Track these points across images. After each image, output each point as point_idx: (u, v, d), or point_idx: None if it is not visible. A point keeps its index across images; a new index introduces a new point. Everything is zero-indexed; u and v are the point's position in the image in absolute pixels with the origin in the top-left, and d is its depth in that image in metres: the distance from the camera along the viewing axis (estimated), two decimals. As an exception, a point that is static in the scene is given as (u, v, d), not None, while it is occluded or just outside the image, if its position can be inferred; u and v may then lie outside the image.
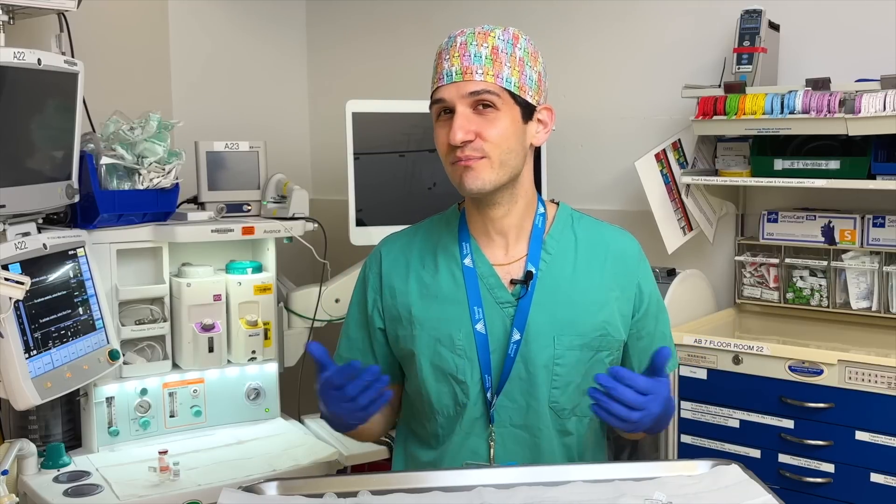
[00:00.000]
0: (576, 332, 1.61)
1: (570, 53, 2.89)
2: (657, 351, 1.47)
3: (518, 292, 1.62)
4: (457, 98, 1.54)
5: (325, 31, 3.56)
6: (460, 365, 1.61)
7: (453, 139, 1.53)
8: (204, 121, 3.04)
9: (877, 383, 1.99)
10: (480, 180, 1.55)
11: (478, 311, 1.61)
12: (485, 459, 1.61)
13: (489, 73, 1.55)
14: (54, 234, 2.17)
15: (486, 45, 1.56)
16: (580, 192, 2.86)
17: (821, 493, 2.08)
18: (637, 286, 1.67)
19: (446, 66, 1.56)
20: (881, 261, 2.30)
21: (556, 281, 1.63)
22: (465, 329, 1.61)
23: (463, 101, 1.54)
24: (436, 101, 1.58)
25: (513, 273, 1.63)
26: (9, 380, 1.97)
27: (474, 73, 1.54)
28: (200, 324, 2.44)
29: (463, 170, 1.55)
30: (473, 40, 1.56)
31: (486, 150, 1.54)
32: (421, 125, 2.61)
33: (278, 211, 2.67)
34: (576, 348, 1.61)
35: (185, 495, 2.10)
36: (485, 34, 1.57)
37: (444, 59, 1.57)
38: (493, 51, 1.56)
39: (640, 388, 1.42)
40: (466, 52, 1.55)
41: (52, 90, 2.11)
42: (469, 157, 1.54)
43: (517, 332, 1.59)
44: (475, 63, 1.54)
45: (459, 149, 1.54)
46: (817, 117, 2.18)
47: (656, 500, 1.34)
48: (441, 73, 1.57)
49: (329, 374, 1.50)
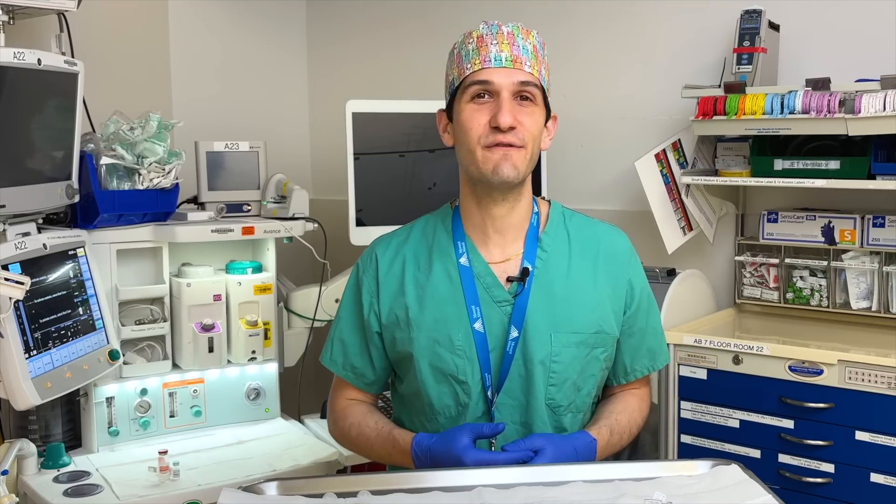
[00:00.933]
0: (572, 329, 1.61)
1: (570, 53, 2.88)
2: (505, 447, 1.53)
3: (515, 290, 1.62)
4: (506, 84, 1.55)
5: (326, 32, 3.56)
6: (460, 365, 1.61)
7: (504, 121, 1.52)
8: (204, 121, 3.04)
9: (877, 383, 1.99)
10: (516, 169, 1.56)
11: (475, 311, 1.61)
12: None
13: (535, 67, 1.58)
14: (54, 234, 2.17)
15: (529, 41, 1.59)
16: (580, 192, 2.86)
17: (821, 493, 2.08)
18: (628, 283, 1.68)
19: (494, 51, 1.56)
20: (881, 261, 2.30)
21: (551, 278, 1.63)
22: (464, 329, 1.61)
23: (510, 88, 1.55)
24: (478, 83, 1.56)
25: (509, 271, 1.63)
26: (9, 380, 1.97)
27: (524, 63, 1.56)
28: (200, 324, 2.44)
29: (502, 156, 1.55)
30: (520, 33, 1.59)
31: (526, 140, 1.56)
32: (421, 125, 2.61)
33: (278, 211, 2.67)
34: (572, 345, 1.61)
35: (185, 495, 2.10)
36: (527, 31, 1.60)
37: (489, 43, 1.56)
38: (534, 48, 1.59)
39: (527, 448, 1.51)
40: (515, 42, 1.57)
41: (52, 90, 2.11)
42: (511, 142, 1.54)
43: (515, 330, 1.60)
44: (524, 54, 1.57)
45: (502, 133, 1.54)
46: (817, 117, 2.18)
47: (656, 500, 1.34)
48: (487, 56, 1.56)
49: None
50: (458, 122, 1.59)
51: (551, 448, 1.51)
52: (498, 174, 1.55)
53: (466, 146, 1.58)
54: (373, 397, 1.78)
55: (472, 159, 1.57)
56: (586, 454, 1.56)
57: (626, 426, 1.67)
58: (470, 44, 1.59)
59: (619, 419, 1.66)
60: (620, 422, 1.66)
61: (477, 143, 1.56)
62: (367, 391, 1.75)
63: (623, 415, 1.68)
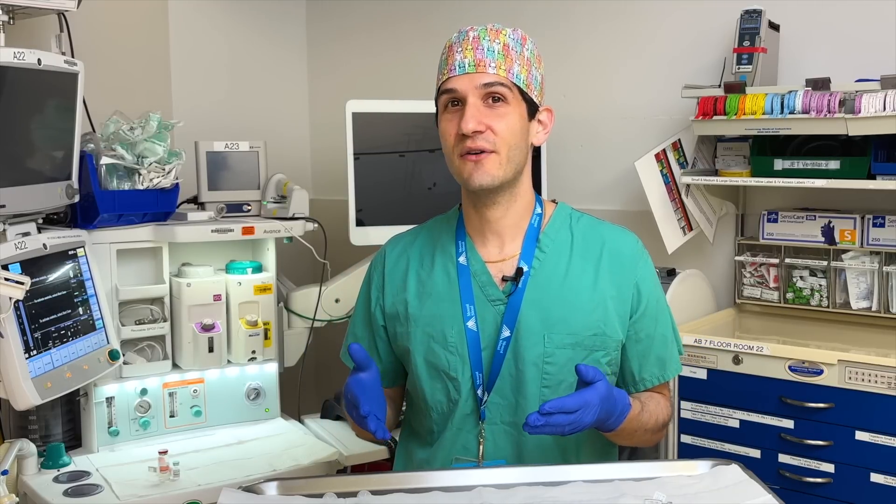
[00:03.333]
0: (567, 330, 1.60)
1: (570, 53, 2.89)
2: (578, 366, 1.47)
3: (509, 289, 1.62)
4: (469, 89, 1.55)
5: (326, 32, 3.56)
6: (452, 362, 1.62)
7: (465, 127, 1.53)
8: (204, 121, 3.04)
9: (877, 383, 1.99)
10: (490, 176, 1.56)
11: (469, 309, 1.62)
12: (475, 456, 1.61)
13: (501, 66, 1.57)
14: (54, 234, 2.17)
15: (499, 41, 1.58)
16: (580, 192, 2.86)
17: (821, 493, 2.08)
18: (635, 286, 1.65)
19: (458, 58, 1.57)
20: (881, 261, 2.30)
21: (549, 279, 1.63)
22: (458, 326, 1.62)
23: (475, 92, 1.55)
24: (445, 92, 1.58)
25: (505, 271, 1.64)
26: (9, 380, 1.97)
27: (487, 65, 1.56)
28: (200, 324, 2.45)
29: (473, 165, 1.55)
30: (486, 35, 1.58)
31: (496, 143, 1.56)
32: (421, 125, 2.61)
33: (278, 211, 2.67)
34: (567, 347, 1.60)
35: (185, 495, 2.10)
36: (496, 31, 1.59)
37: (455, 52, 1.58)
38: (504, 47, 1.58)
39: (569, 410, 1.44)
40: (479, 45, 1.57)
41: (52, 90, 2.11)
42: (480, 147, 1.54)
43: (507, 329, 1.60)
44: (488, 56, 1.56)
45: (470, 139, 1.54)
46: (817, 117, 2.18)
47: (656, 500, 1.34)
48: (452, 65, 1.57)
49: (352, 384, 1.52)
50: (439, 132, 1.62)
51: (605, 385, 1.47)
52: (472, 184, 1.57)
53: (447, 156, 1.61)
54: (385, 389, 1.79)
55: (453, 169, 1.60)
56: (622, 412, 1.53)
57: (654, 413, 1.64)
58: (443, 54, 1.61)
59: (646, 403, 1.64)
60: (648, 405, 1.63)
61: (452, 152, 1.58)
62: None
63: (651, 402, 1.65)
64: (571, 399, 1.45)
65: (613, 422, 1.53)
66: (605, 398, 1.47)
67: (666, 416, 1.69)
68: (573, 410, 1.43)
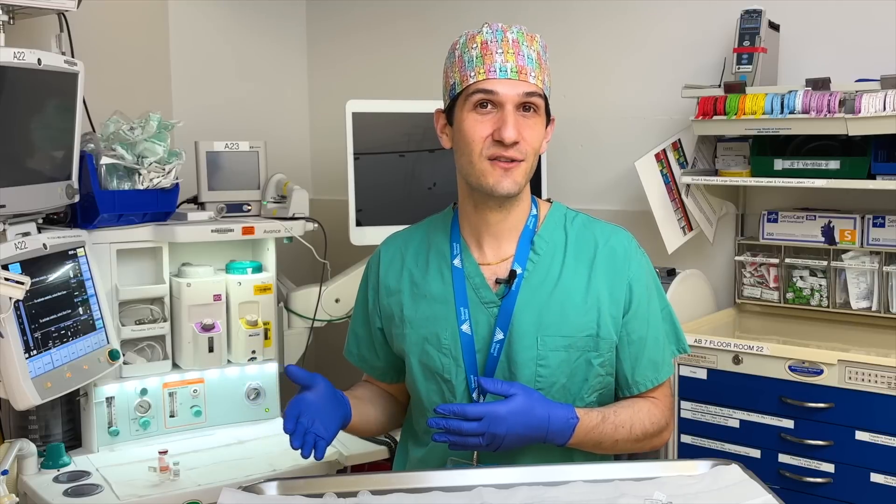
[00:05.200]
0: (561, 332, 1.59)
1: (569, 53, 2.89)
2: (479, 379, 1.49)
3: (502, 292, 1.62)
4: (511, 95, 1.53)
5: (326, 31, 3.56)
6: (446, 364, 1.62)
7: (508, 137, 1.51)
8: (204, 121, 3.04)
9: (877, 383, 1.99)
10: (517, 184, 1.56)
11: (464, 312, 1.62)
12: (469, 458, 1.61)
13: (539, 77, 1.55)
14: (54, 234, 2.17)
15: (533, 48, 1.56)
16: (580, 192, 2.86)
17: (821, 493, 2.08)
18: (627, 285, 1.63)
19: (499, 60, 1.53)
20: (881, 261, 2.30)
21: (542, 281, 1.62)
22: (451, 329, 1.62)
23: (514, 100, 1.53)
24: (482, 92, 1.54)
25: (499, 273, 1.63)
26: (9, 380, 1.97)
27: (529, 74, 1.54)
28: (200, 324, 2.44)
29: (502, 172, 1.54)
30: (524, 40, 1.56)
31: (526, 153, 1.55)
32: (421, 125, 2.61)
33: (278, 211, 2.67)
34: (560, 349, 1.59)
35: (185, 495, 2.10)
36: (531, 37, 1.57)
37: (494, 52, 1.54)
38: (538, 55, 1.56)
39: (470, 417, 1.45)
40: (520, 51, 1.54)
41: (52, 90, 2.11)
42: (514, 157, 1.53)
43: (500, 332, 1.60)
44: (528, 64, 1.54)
45: (505, 148, 1.52)
46: (817, 117, 2.18)
47: (656, 500, 1.34)
48: (492, 66, 1.53)
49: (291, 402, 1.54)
50: (458, 129, 1.58)
51: (523, 399, 1.48)
52: (499, 190, 1.55)
53: (467, 157, 1.56)
54: (387, 385, 1.83)
55: (473, 171, 1.56)
56: (559, 428, 1.51)
57: (626, 421, 1.60)
58: (474, 49, 1.55)
59: (618, 412, 1.60)
60: (619, 414, 1.60)
61: (479, 155, 1.55)
62: (381, 380, 1.82)
63: (625, 410, 1.62)
64: (473, 407, 1.47)
65: (556, 436, 1.52)
66: (517, 412, 1.46)
67: (654, 422, 1.64)
68: (475, 418, 1.45)
